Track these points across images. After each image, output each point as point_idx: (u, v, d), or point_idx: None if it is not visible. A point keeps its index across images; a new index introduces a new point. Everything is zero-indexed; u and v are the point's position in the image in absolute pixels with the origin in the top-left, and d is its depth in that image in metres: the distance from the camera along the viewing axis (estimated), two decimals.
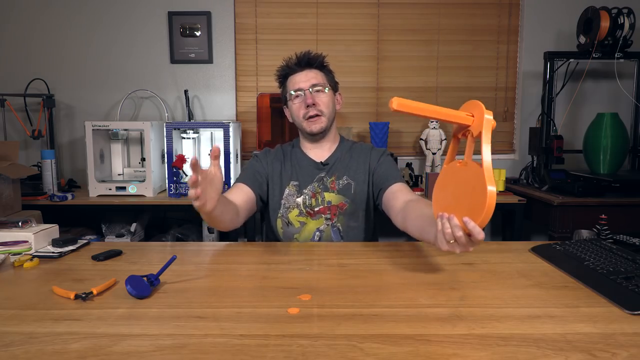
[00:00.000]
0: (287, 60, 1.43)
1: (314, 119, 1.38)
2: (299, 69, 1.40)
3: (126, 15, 2.68)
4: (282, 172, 1.43)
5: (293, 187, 1.41)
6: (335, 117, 1.45)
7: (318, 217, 1.38)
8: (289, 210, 1.40)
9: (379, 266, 1.05)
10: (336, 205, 1.38)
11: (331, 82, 1.44)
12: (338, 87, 1.48)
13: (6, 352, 0.65)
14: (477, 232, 0.82)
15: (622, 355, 0.65)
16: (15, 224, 1.17)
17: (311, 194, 1.40)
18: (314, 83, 1.38)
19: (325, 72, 1.43)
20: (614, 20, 2.27)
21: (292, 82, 1.41)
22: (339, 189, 1.39)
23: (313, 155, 1.45)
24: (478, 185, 0.82)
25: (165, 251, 1.20)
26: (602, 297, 0.85)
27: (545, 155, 2.42)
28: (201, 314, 0.78)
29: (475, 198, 0.83)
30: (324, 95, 1.39)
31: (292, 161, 1.45)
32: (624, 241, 1.19)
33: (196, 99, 2.74)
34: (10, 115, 2.57)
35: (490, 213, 0.80)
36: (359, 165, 1.42)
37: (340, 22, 2.72)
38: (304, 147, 1.47)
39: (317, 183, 1.41)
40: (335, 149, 1.46)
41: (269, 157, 1.46)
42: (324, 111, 1.38)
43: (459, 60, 2.77)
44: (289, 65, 1.42)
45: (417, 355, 0.65)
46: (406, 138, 2.82)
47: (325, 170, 1.42)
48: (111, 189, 2.26)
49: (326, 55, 1.44)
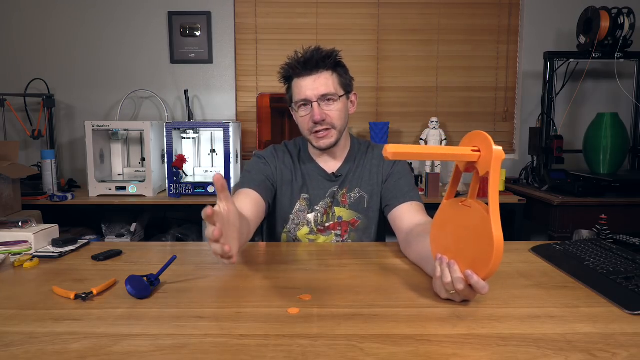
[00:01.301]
0: (293, 58, 1.21)
1: (323, 133, 1.21)
2: (306, 73, 1.19)
3: (126, 16, 2.68)
4: (293, 182, 1.29)
5: (304, 202, 1.29)
6: (348, 123, 1.29)
7: (328, 234, 1.28)
8: (298, 228, 1.29)
9: (379, 266, 1.05)
10: (347, 221, 1.28)
11: (345, 83, 1.24)
12: (353, 85, 1.29)
13: (6, 352, 0.65)
14: (480, 287, 0.75)
15: (622, 355, 0.64)
16: (15, 224, 1.16)
17: (323, 210, 1.28)
18: (324, 93, 1.18)
19: (338, 73, 1.23)
20: (614, 20, 2.27)
21: (297, 86, 1.20)
22: (351, 204, 1.28)
23: (324, 164, 1.31)
24: (484, 234, 0.73)
25: (165, 251, 1.20)
26: (602, 297, 0.85)
27: (545, 155, 2.42)
28: (201, 314, 0.78)
29: (480, 248, 0.74)
30: (335, 105, 1.20)
31: (303, 170, 1.31)
32: (624, 241, 1.19)
33: (196, 99, 2.74)
34: (10, 115, 2.57)
35: (497, 266, 0.73)
36: (372, 176, 1.30)
37: (340, 22, 2.73)
38: (313, 154, 1.32)
39: (330, 198, 1.28)
40: (347, 156, 1.32)
41: (278, 162, 1.31)
42: (336, 124, 1.22)
43: (459, 60, 2.77)
44: (294, 67, 1.20)
45: (417, 355, 0.65)
46: (406, 138, 2.82)
47: (337, 183, 1.29)
48: (111, 189, 2.26)
49: (340, 50, 1.23)
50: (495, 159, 0.74)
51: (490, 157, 0.74)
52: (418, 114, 2.80)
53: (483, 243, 0.74)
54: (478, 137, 0.78)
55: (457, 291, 0.78)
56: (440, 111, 2.80)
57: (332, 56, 1.20)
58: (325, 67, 1.19)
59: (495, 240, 0.72)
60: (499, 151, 0.74)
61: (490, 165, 0.74)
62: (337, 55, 1.22)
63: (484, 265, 0.74)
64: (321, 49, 1.20)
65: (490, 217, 0.73)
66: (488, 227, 0.73)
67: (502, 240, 0.72)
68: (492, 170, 0.74)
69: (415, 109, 2.80)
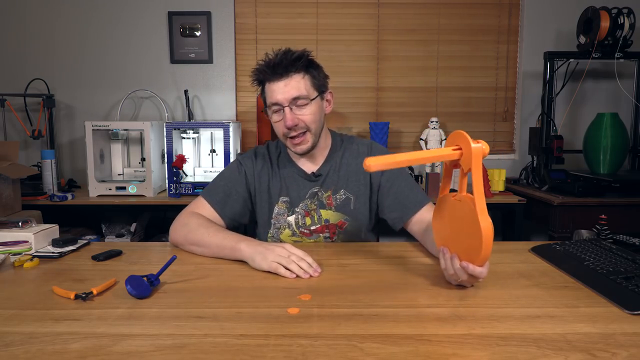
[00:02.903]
0: (263, 61, 1.17)
1: (299, 139, 1.19)
2: (276, 77, 1.15)
3: (126, 16, 2.68)
4: (271, 187, 1.28)
5: (283, 205, 1.27)
6: (324, 122, 1.26)
7: (316, 237, 1.27)
8: (280, 231, 1.27)
9: (379, 266, 1.05)
10: (335, 224, 1.26)
11: (318, 84, 1.20)
12: (328, 84, 1.24)
13: (6, 352, 0.65)
14: (478, 273, 0.84)
15: (622, 355, 0.64)
16: (15, 224, 1.16)
17: (304, 212, 1.26)
18: (295, 96, 1.15)
19: (311, 74, 1.18)
20: (614, 20, 2.27)
21: (269, 90, 1.17)
22: (337, 206, 1.26)
23: (303, 165, 1.28)
24: (473, 225, 0.81)
25: (165, 251, 1.20)
26: (602, 297, 0.85)
27: (545, 155, 2.42)
28: (201, 314, 0.78)
29: (472, 238, 0.82)
30: (308, 108, 1.17)
31: (281, 173, 1.28)
32: (624, 241, 1.19)
33: (196, 99, 2.74)
34: (10, 115, 2.57)
35: (489, 252, 0.81)
36: (359, 175, 1.27)
37: (340, 22, 2.73)
38: (292, 155, 1.29)
39: (311, 200, 1.26)
40: (328, 155, 1.29)
41: (255, 168, 1.29)
42: (310, 127, 1.18)
43: (459, 60, 2.77)
44: (264, 70, 1.17)
45: (417, 355, 0.65)
46: (406, 138, 2.82)
47: (318, 182, 1.27)
48: (111, 189, 2.26)
49: (310, 51, 1.19)
50: (475, 156, 0.81)
51: (470, 155, 0.81)
52: (418, 114, 2.80)
53: (473, 234, 0.81)
54: (459, 137, 0.84)
55: (462, 280, 0.87)
56: (440, 111, 2.80)
57: (302, 58, 1.16)
58: (295, 69, 1.15)
59: (483, 231, 0.79)
60: (477, 148, 0.81)
61: (471, 161, 0.81)
62: (309, 56, 1.18)
63: (477, 253, 0.81)
64: (291, 51, 1.16)
65: (476, 210, 0.80)
66: (475, 219, 0.80)
67: (489, 229, 0.79)
68: (474, 167, 0.81)
69: (415, 109, 2.80)
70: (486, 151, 0.81)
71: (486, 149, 0.81)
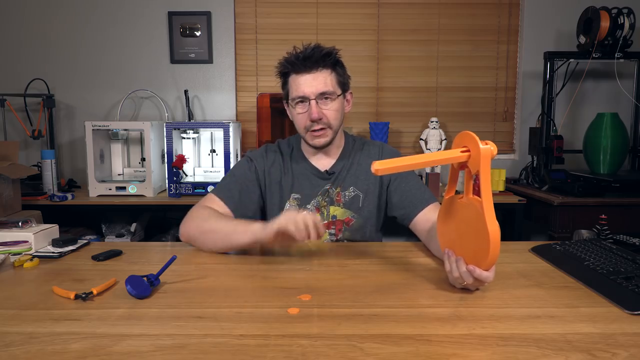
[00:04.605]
0: (292, 54, 1.21)
1: (319, 132, 1.21)
2: (305, 70, 1.18)
3: (126, 16, 2.67)
4: (283, 183, 1.29)
5: (294, 201, 1.28)
6: (343, 122, 1.29)
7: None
8: None
9: (379, 266, 1.05)
10: (342, 220, 1.27)
11: (342, 82, 1.24)
12: (349, 84, 1.29)
13: (6, 352, 0.65)
14: (484, 277, 0.82)
15: (622, 355, 0.64)
16: (15, 224, 1.16)
17: (315, 209, 1.27)
18: (322, 91, 1.18)
19: (337, 72, 1.23)
20: (614, 20, 2.27)
21: (295, 83, 1.20)
22: (345, 202, 1.27)
23: (316, 162, 1.30)
24: (480, 228, 0.79)
25: (165, 251, 1.20)
26: (602, 297, 0.85)
27: (545, 155, 2.42)
28: (201, 314, 0.78)
29: (479, 241, 0.80)
30: (333, 104, 1.20)
31: (293, 169, 1.30)
32: (624, 241, 1.19)
33: (196, 99, 2.74)
34: (10, 115, 2.57)
35: (496, 256, 0.79)
36: (368, 175, 1.28)
37: (340, 22, 2.72)
38: (306, 152, 1.32)
39: (322, 197, 1.27)
40: (341, 154, 1.31)
41: (267, 163, 1.30)
42: (332, 123, 1.21)
43: (459, 60, 2.76)
44: (293, 62, 1.19)
45: (417, 355, 0.65)
46: (406, 138, 2.82)
47: (330, 180, 1.28)
48: (111, 189, 2.26)
49: (339, 49, 1.23)
50: (484, 158, 0.78)
51: (479, 156, 0.78)
52: (418, 114, 2.80)
53: (480, 237, 0.79)
54: (467, 138, 0.82)
55: (466, 284, 0.85)
56: (441, 111, 2.79)
57: (332, 54, 1.20)
58: (324, 65, 1.19)
59: (491, 235, 0.77)
60: (486, 149, 0.78)
61: (479, 163, 0.78)
62: (337, 54, 1.23)
63: (484, 257, 0.79)
64: (321, 46, 1.20)
65: (484, 213, 0.78)
66: (483, 223, 0.78)
67: (497, 232, 0.77)
68: (482, 168, 0.78)
69: (415, 109, 2.80)
70: (494, 153, 0.79)
71: (494, 151, 0.79)
